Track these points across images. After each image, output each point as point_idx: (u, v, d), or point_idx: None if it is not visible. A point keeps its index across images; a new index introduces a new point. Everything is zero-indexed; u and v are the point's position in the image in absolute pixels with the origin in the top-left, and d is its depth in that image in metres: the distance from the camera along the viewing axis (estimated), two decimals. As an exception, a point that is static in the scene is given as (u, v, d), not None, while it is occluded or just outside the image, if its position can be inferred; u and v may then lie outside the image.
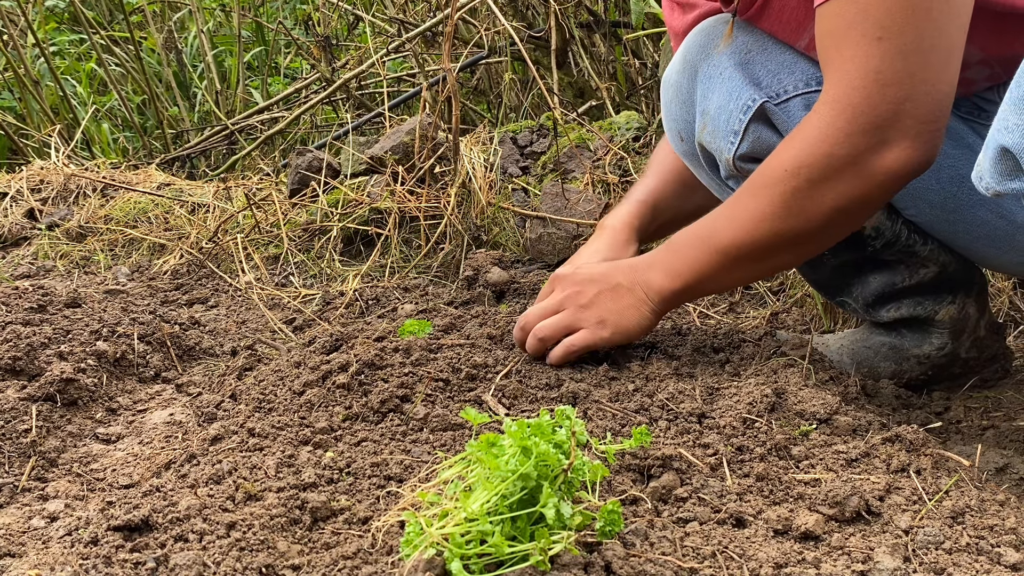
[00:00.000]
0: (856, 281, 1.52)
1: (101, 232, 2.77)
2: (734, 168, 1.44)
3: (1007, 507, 1.06)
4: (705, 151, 1.50)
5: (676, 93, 1.53)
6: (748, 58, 1.42)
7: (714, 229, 1.38)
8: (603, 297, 1.45)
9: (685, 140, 1.56)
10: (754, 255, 1.35)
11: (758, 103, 1.39)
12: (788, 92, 1.40)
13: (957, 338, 1.52)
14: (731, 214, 1.36)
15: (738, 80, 1.41)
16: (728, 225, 1.36)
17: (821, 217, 1.29)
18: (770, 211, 1.30)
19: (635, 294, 1.44)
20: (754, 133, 1.40)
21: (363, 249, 2.52)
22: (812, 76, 1.39)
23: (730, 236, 1.35)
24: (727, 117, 1.41)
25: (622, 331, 1.45)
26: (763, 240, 1.32)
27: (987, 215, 1.40)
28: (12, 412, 1.44)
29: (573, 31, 3.20)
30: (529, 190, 2.55)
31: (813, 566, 0.95)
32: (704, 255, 1.38)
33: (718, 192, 1.58)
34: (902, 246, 1.46)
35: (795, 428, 1.23)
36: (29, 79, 4.02)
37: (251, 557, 0.99)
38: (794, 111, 1.38)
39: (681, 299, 1.45)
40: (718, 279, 1.41)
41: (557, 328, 1.46)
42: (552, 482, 0.91)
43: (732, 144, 1.42)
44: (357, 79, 3.78)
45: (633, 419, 1.29)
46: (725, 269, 1.38)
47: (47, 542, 1.11)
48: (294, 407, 1.40)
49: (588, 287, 1.47)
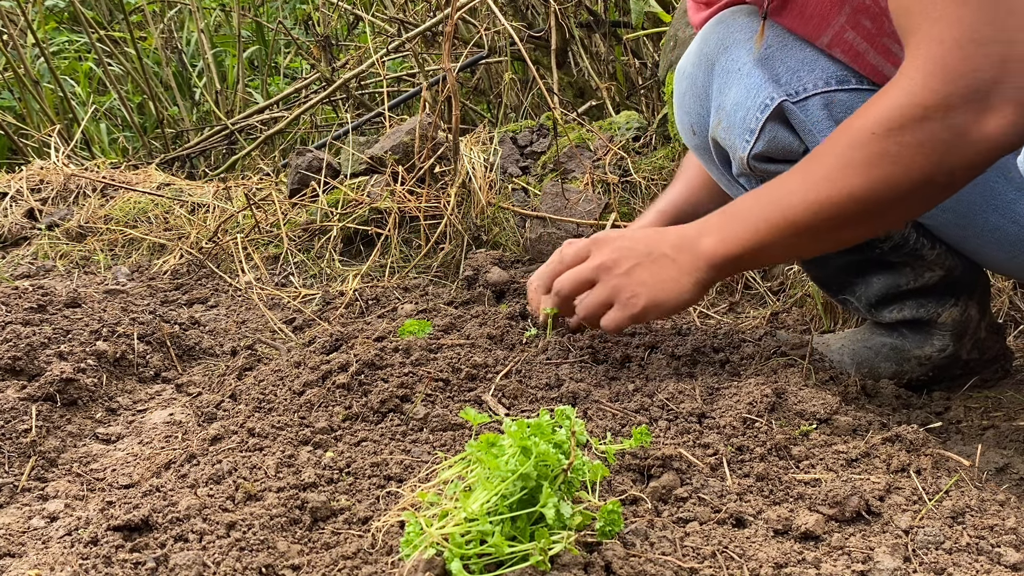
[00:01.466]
0: (860, 281, 1.52)
1: (101, 232, 2.77)
2: (747, 167, 1.41)
3: (1007, 507, 1.06)
4: (718, 146, 1.47)
5: (691, 85, 1.50)
6: (768, 54, 1.38)
7: (783, 193, 1.27)
8: (641, 270, 1.35)
9: (697, 134, 1.53)
10: (825, 224, 1.24)
11: (776, 102, 1.35)
12: (807, 90, 1.36)
13: (959, 340, 1.51)
14: (805, 178, 1.25)
15: (757, 76, 1.38)
16: (801, 189, 1.24)
17: (908, 185, 1.18)
18: (851, 176, 1.20)
19: (679, 264, 1.34)
20: (770, 132, 1.37)
21: (363, 249, 2.52)
22: (832, 75, 1.36)
23: (803, 202, 1.24)
24: (744, 114, 1.38)
25: (657, 306, 1.35)
26: (839, 207, 1.22)
27: (999, 220, 1.39)
28: (12, 412, 1.44)
29: (573, 31, 3.20)
30: (529, 190, 2.55)
31: (813, 566, 0.95)
32: (768, 221, 1.27)
33: (728, 188, 1.56)
34: (910, 249, 1.44)
35: (795, 428, 1.23)
36: (29, 79, 4.02)
37: (251, 557, 0.99)
38: (813, 110, 1.36)
39: (734, 268, 1.34)
40: (778, 249, 1.30)
41: (595, 306, 1.39)
42: (552, 482, 0.91)
43: (747, 143, 1.39)
44: (357, 79, 3.78)
45: (633, 419, 1.29)
46: (790, 238, 1.27)
47: (47, 542, 1.11)
48: (294, 407, 1.40)
49: (626, 258, 1.36)
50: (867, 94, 1.35)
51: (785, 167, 1.38)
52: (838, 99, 1.36)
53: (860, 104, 1.34)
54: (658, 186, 2.41)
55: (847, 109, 1.34)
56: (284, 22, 4.80)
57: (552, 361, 1.54)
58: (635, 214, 2.37)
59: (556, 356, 1.56)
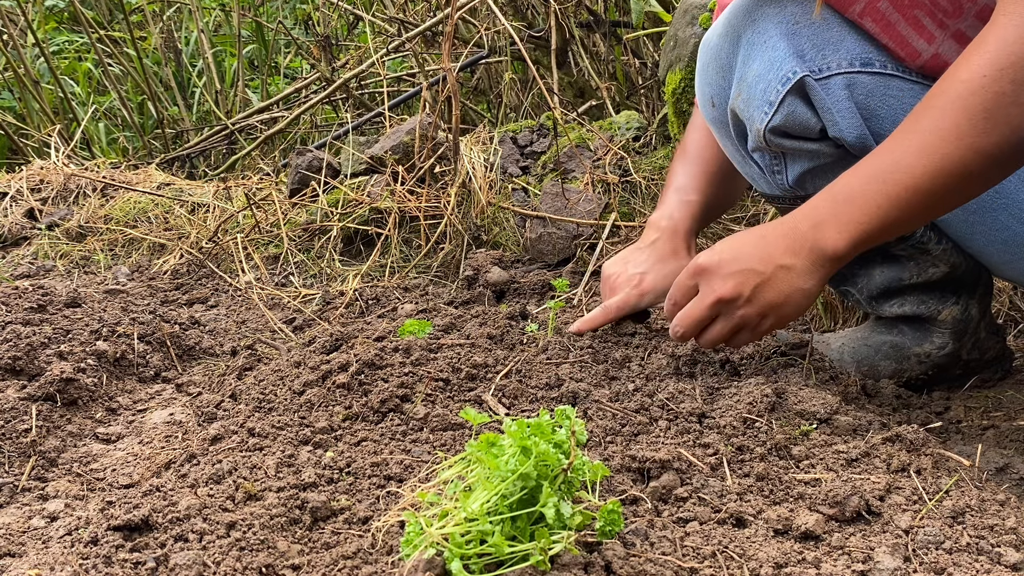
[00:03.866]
0: (862, 272, 1.51)
1: (101, 232, 2.77)
2: (763, 140, 1.39)
3: (1007, 507, 1.06)
4: (736, 119, 1.46)
5: (715, 57, 1.49)
6: (795, 29, 1.37)
7: (895, 162, 1.20)
8: (764, 291, 1.28)
9: (717, 106, 1.51)
10: (952, 183, 1.17)
11: (798, 76, 1.34)
12: (831, 69, 1.34)
13: (959, 339, 1.51)
14: (918, 142, 1.18)
15: (782, 50, 1.36)
16: (917, 154, 1.17)
17: None
18: (969, 127, 1.14)
19: (798, 270, 1.27)
20: (789, 107, 1.35)
21: (363, 249, 2.52)
22: (857, 56, 1.35)
23: (922, 166, 1.17)
24: (764, 87, 1.37)
25: (788, 317, 1.31)
26: (963, 163, 1.15)
27: (1008, 219, 1.38)
28: (12, 412, 1.44)
29: (573, 31, 3.20)
30: (529, 190, 2.55)
31: (813, 566, 0.95)
32: (889, 196, 1.19)
33: (740, 165, 1.55)
34: (916, 241, 1.44)
35: (795, 428, 1.23)
36: (29, 79, 4.02)
37: (251, 557, 0.99)
38: (834, 89, 1.34)
39: (856, 253, 1.26)
40: (903, 223, 1.23)
41: (720, 339, 1.35)
42: (552, 482, 0.91)
43: (766, 115, 1.37)
44: (357, 79, 3.78)
45: (633, 419, 1.29)
46: (915, 208, 1.20)
47: (47, 542, 1.11)
48: (294, 407, 1.40)
49: (743, 283, 1.29)
50: (890, 79, 1.35)
51: (799, 143, 1.37)
52: (860, 81, 1.35)
53: (882, 89, 1.34)
54: (658, 186, 2.41)
55: (868, 92, 1.34)
56: (284, 22, 4.80)
57: (552, 361, 1.54)
58: (635, 214, 2.37)
59: (556, 356, 1.56)
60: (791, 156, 1.42)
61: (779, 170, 1.44)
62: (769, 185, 1.49)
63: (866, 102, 1.35)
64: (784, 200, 1.49)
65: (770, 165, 1.45)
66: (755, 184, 1.54)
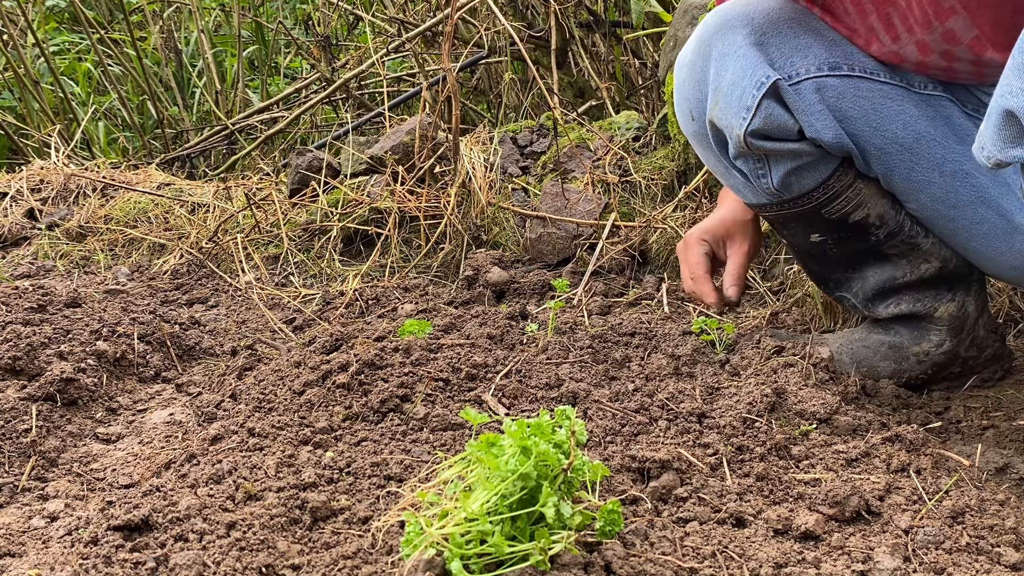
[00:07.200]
0: (856, 275, 1.53)
1: (101, 232, 2.77)
2: (744, 145, 1.42)
3: (1007, 507, 1.06)
4: (715, 130, 1.49)
5: (690, 72, 1.53)
6: (764, 39, 1.43)
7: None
8: None
9: (696, 120, 1.55)
10: None
11: (772, 79, 1.39)
12: (800, 75, 1.40)
13: (956, 336, 1.52)
14: None
15: (753, 58, 1.41)
16: None
17: None
18: None
19: None
20: (766, 110, 1.39)
21: (363, 249, 2.52)
22: (824, 61, 1.40)
23: None
24: (740, 93, 1.41)
25: None
26: None
27: (987, 213, 1.41)
28: (12, 412, 1.44)
29: (573, 31, 3.20)
30: (529, 190, 2.55)
31: (813, 566, 0.95)
32: None
33: (723, 177, 1.57)
34: (905, 237, 1.46)
35: (795, 428, 1.23)
36: (29, 79, 4.02)
37: (251, 557, 0.99)
38: (806, 94, 1.39)
39: None
40: None
41: None
42: (552, 482, 0.91)
43: (744, 120, 1.41)
44: (357, 79, 3.78)
45: (633, 419, 1.29)
46: None
47: (47, 542, 1.11)
48: (294, 407, 1.40)
49: None
50: (858, 80, 1.41)
51: (779, 144, 1.41)
52: (829, 84, 1.40)
53: (852, 91, 1.40)
54: (658, 186, 2.41)
55: (838, 95, 1.40)
56: (284, 22, 4.80)
57: (552, 361, 1.54)
58: (635, 214, 2.37)
59: (556, 356, 1.56)
60: (774, 158, 1.44)
61: (763, 173, 1.46)
62: (755, 192, 1.50)
63: (837, 104, 1.40)
64: (770, 207, 1.50)
65: (754, 170, 1.46)
66: (740, 195, 1.56)
